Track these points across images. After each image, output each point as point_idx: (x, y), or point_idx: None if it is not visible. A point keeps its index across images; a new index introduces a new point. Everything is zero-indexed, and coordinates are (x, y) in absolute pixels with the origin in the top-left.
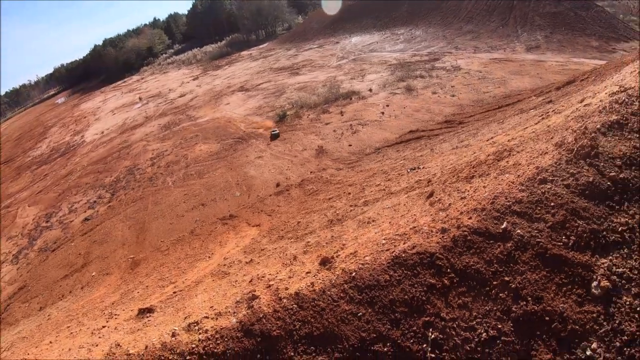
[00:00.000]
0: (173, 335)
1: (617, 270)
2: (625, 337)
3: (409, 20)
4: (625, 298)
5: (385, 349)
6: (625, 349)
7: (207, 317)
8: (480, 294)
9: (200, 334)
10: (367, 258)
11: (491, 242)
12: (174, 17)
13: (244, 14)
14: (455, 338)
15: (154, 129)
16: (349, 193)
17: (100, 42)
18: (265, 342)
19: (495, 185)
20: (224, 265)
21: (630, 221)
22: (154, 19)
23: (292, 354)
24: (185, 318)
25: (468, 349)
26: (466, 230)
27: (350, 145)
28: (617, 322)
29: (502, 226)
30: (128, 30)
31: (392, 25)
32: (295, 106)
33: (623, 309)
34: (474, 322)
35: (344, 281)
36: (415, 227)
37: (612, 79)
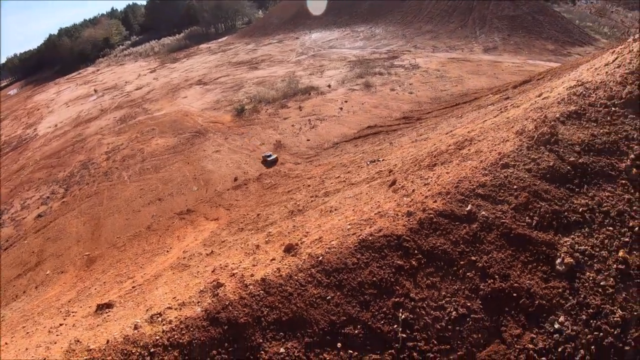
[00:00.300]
0: (135, 328)
1: (580, 247)
2: (591, 310)
3: (369, 19)
4: (588, 273)
5: (356, 331)
6: (591, 321)
7: (170, 308)
8: (448, 273)
9: (164, 325)
10: (334, 243)
11: (457, 223)
12: (132, 8)
13: (204, 6)
14: (426, 317)
15: (110, 122)
16: (309, 185)
17: (55, 32)
18: (232, 329)
19: (459, 171)
20: (184, 258)
21: (590, 202)
22: (112, 9)
23: (261, 340)
24: (147, 310)
25: (439, 327)
26: (432, 213)
27: (308, 140)
28: (582, 296)
29: (467, 208)
30: (84, 20)
31: (353, 23)
32: (254, 101)
33: (587, 284)
34: (444, 301)
35: (311, 265)
36: (380, 212)
37: (568, 75)
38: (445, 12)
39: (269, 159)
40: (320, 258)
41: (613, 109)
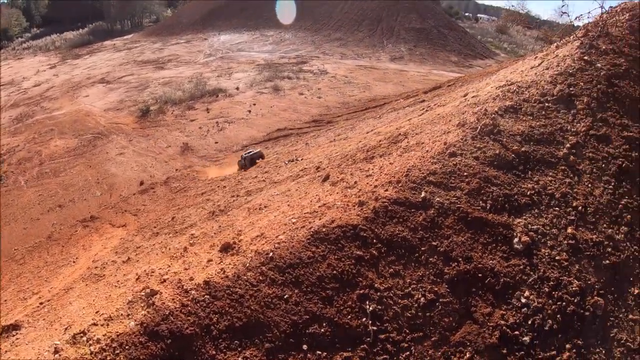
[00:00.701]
0: (56, 351)
1: (533, 227)
2: (552, 283)
3: (279, 23)
4: (543, 250)
5: (322, 330)
6: (553, 292)
7: (95, 325)
8: (410, 260)
9: (91, 345)
10: (282, 237)
11: (413, 210)
12: None
13: (111, 1)
14: (394, 307)
15: (4, 122)
16: (224, 186)
17: None
18: (177, 343)
19: (405, 161)
20: (96, 267)
21: (536, 186)
22: None
23: (214, 352)
24: (66, 329)
25: (409, 315)
26: (386, 201)
27: (216, 143)
28: (541, 270)
29: (422, 195)
30: None
31: (262, 27)
32: (160, 101)
33: (544, 259)
34: (410, 289)
35: (261, 263)
36: (326, 204)
37: (491, 78)
38: (354, 21)
39: (249, 154)
40: (270, 254)
41: (546, 104)
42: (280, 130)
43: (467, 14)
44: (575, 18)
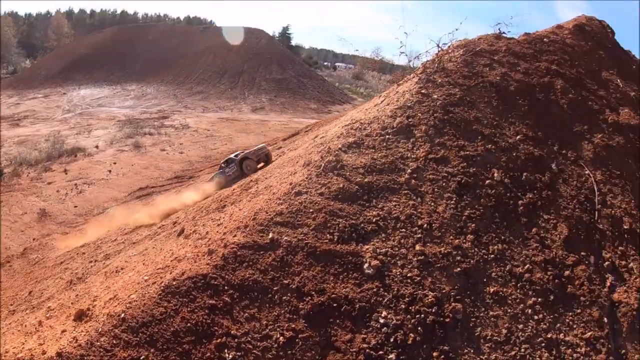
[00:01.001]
0: None
1: (381, 251)
2: (407, 299)
3: (141, 78)
4: (395, 270)
5: None
6: (410, 307)
7: None
8: (264, 302)
9: None
10: (133, 296)
11: (262, 252)
12: None
13: None
14: (254, 351)
15: None
16: (84, 253)
17: None
18: None
19: (253, 205)
20: None
21: (380, 212)
22: None
23: None
24: None
25: (270, 356)
26: (234, 247)
27: (76, 207)
28: (395, 289)
29: (269, 236)
30: None
31: (124, 81)
32: (14, 163)
33: (397, 278)
34: (267, 330)
35: (113, 326)
36: (177, 257)
37: (341, 119)
38: (216, 74)
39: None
40: (122, 315)
41: (387, 136)
42: (142, 189)
43: (325, 63)
44: (415, 57)
